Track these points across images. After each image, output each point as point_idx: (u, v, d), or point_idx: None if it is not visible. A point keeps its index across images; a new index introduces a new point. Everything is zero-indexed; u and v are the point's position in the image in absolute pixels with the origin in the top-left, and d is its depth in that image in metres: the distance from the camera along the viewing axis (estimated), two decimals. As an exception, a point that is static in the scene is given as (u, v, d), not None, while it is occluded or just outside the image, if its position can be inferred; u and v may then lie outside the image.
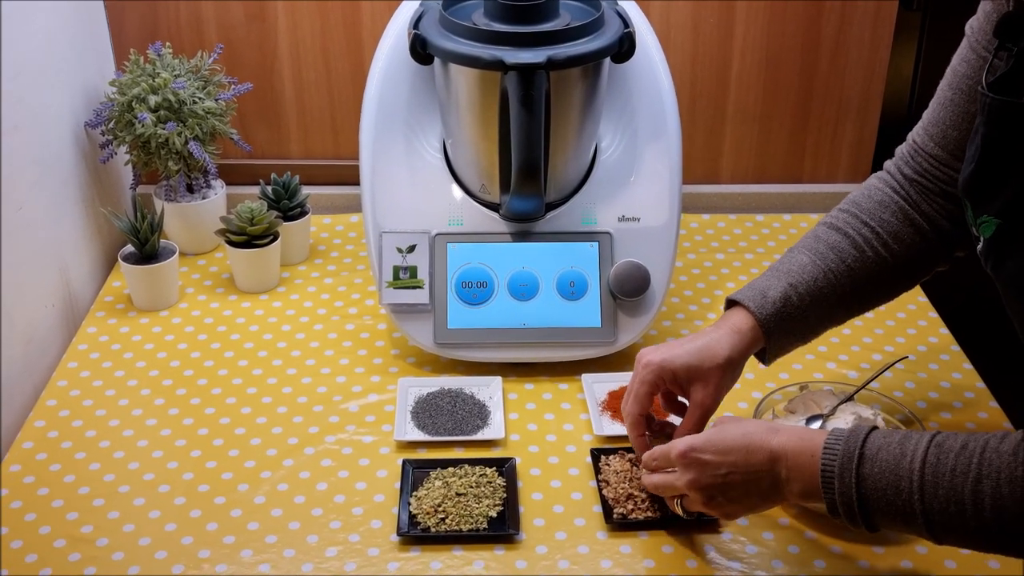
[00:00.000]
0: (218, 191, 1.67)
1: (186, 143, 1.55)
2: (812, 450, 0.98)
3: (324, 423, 1.32)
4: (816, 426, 1.20)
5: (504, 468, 1.22)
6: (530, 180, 1.30)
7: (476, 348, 1.38)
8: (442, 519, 1.15)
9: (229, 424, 1.31)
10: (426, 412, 1.32)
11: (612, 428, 1.29)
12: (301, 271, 1.63)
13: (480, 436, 1.28)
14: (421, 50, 1.31)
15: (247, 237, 1.54)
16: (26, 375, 1.38)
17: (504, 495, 1.19)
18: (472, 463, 1.23)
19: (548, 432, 1.31)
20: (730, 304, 1.18)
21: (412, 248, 1.39)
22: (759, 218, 1.79)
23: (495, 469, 1.22)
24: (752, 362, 1.18)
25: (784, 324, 1.14)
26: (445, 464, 1.23)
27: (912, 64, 1.75)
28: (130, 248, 1.53)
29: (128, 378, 1.40)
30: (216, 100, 1.59)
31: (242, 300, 1.56)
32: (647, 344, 1.25)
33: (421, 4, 1.38)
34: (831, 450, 0.97)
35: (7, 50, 1.34)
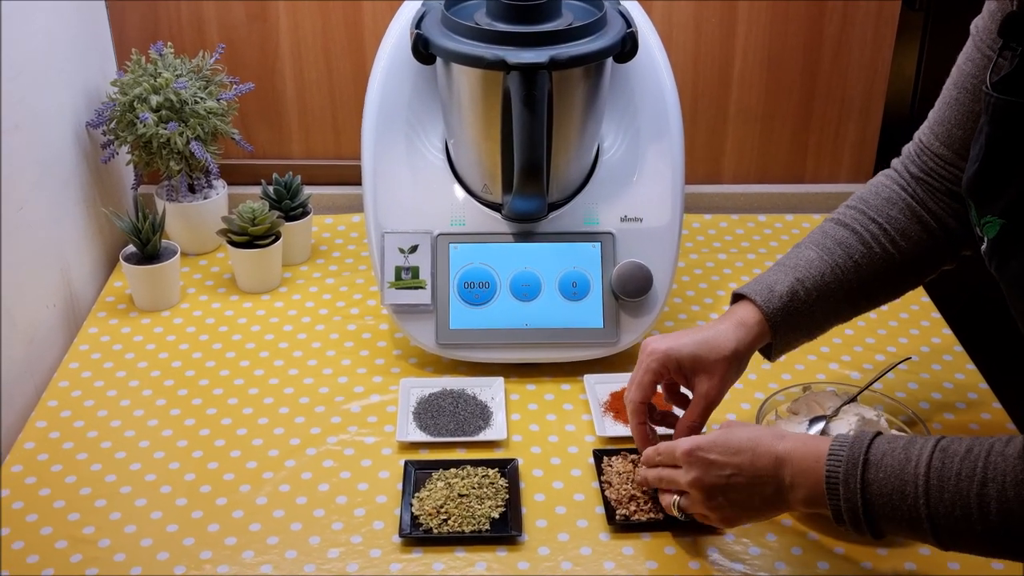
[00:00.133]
0: (220, 191, 1.67)
1: (188, 143, 1.55)
2: (817, 455, 0.98)
3: (326, 424, 1.32)
4: (819, 427, 1.20)
5: (506, 469, 1.22)
6: (532, 180, 1.30)
7: (478, 349, 1.38)
8: (444, 520, 1.15)
9: (231, 425, 1.31)
10: (428, 413, 1.31)
11: (614, 429, 1.29)
12: (303, 271, 1.63)
13: (482, 437, 1.28)
14: (423, 50, 1.31)
15: (249, 237, 1.53)
16: (27, 375, 1.38)
17: (506, 496, 1.19)
18: (474, 464, 1.23)
19: (550, 433, 1.30)
20: (737, 298, 1.17)
21: (414, 248, 1.38)
22: (761, 218, 1.78)
23: (497, 470, 1.22)
24: (755, 362, 1.17)
25: (791, 319, 1.14)
26: (447, 465, 1.22)
27: (915, 64, 1.75)
28: (131, 248, 1.53)
29: (129, 379, 1.39)
30: (218, 100, 1.59)
31: (244, 300, 1.56)
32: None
33: (423, 4, 1.38)
34: (836, 456, 0.96)
35: (8, 50, 1.34)
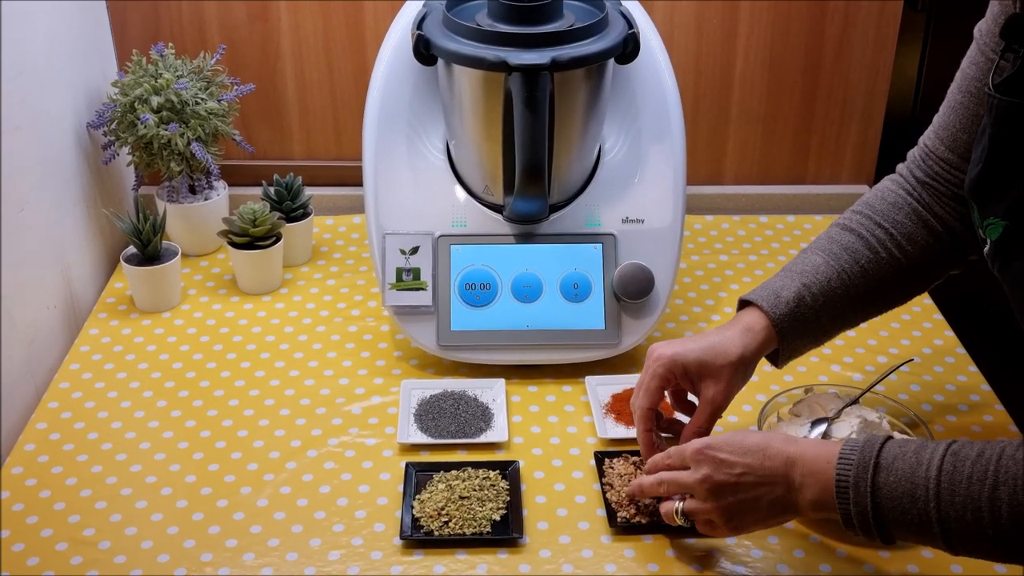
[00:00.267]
0: (220, 192, 1.66)
1: (188, 144, 1.55)
2: (828, 457, 0.97)
3: (327, 425, 1.31)
4: (821, 429, 1.19)
5: (507, 471, 1.22)
6: (534, 181, 1.30)
7: (479, 350, 1.38)
8: (445, 522, 1.15)
9: (231, 426, 1.31)
10: (429, 414, 1.31)
11: (616, 431, 1.29)
12: (303, 273, 1.63)
13: (483, 439, 1.28)
14: (424, 51, 1.31)
15: (249, 238, 1.53)
16: (28, 377, 1.38)
17: (507, 498, 1.18)
18: (475, 466, 1.22)
19: (552, 435, 1.30)
20: (743, 304, 1.17)
21: (415, 250, 1.38)
22: (763, 219, 1.78)
23: (498, 472, 1.22)
24: (757, 364, 1.17)
25: (797, 324, 1.14)
26: (448, 467, 1.22)
27: (916, 65, 1.74)
28: (132, 249, 1.53)
29: (130, 380, 1.39)
30: (218, 101, 1.59)
31: (244, 302, 1.55)
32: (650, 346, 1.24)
33: (424, 4, 1.38)
34: (846, 459, 0.96)
35: (9, 50, 1.34)
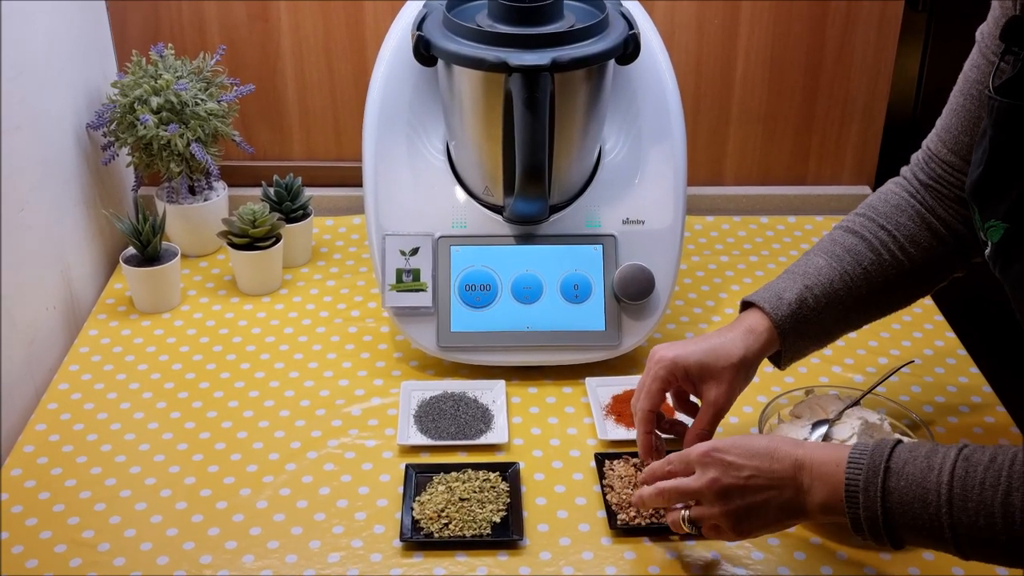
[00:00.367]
0: (220, 193, 1.66)
1: (188, 145, 1.55)
2: (837, 460, 0.96)
3: (326, 427, 1.31)
4: (822, 431, 1.19)
5: (508, 473, 1.22)
6: (534, 182, 1.30)
7: (479, 351, 1.38)
8: (445, 524, 1.15)
9: (231, 428, 1.31)
10: (429, 416, 1.31)
11: (616, 432, 1.29)
12: (303, 273, 1.62)
13: (483, 440, 1.27)
14: (425, 51, 1.30)
15: (249, 239, 1.53)
16: (27, 377, 1.37)
17: (507, 500, 1.18)
18: (475, 467, 1.22)
19: (552, 436, 1.30)
20: (745, 306, 1.17)
21: (415, 251, 1.38)
22: (764, 220, 1.78)
23: (498, 474, 1.21)
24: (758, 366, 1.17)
25: (799, 326, 1.13)
26: (448, 468, 1.22)
27: (918, 65, 1.74)
28: (132, 250, 1.53)
29: (130, 381, 1.39)
30: (218, 101, 1.59)
31: (244, 303, 1.55)
32: (652, 348, 1.24)
33: (425, 5, 1.38)
34: (856, 464, 0.95)
35: (8, 50, 1.34)
